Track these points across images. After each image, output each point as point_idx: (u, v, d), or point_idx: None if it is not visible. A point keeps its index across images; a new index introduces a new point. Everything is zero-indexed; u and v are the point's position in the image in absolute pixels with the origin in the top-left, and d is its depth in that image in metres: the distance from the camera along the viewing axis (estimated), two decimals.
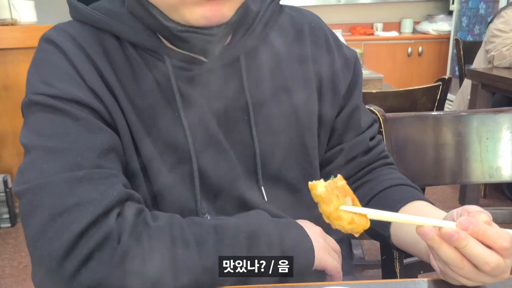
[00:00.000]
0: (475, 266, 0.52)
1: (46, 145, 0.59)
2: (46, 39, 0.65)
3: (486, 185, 2.51)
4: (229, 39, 0.70)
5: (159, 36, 0.67)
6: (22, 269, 2.12)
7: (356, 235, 0.55)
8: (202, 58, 0.68)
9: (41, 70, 0.63)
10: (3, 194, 2.50)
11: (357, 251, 2.04)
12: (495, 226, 0.52)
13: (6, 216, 2.53)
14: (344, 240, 0.82)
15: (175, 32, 0.63)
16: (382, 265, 1.00)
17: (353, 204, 0.53)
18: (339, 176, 0.54)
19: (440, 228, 0.52)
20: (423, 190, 1.17)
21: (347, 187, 0.53)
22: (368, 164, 0.80)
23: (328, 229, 0.73)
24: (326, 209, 0.52)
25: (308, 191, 0.53)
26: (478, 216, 0.53)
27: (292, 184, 0.74)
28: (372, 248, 2.20)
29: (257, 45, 0.72)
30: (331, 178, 0.53)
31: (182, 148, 0.67)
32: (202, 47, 0.66)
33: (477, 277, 0.53)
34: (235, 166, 0.70)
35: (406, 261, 0.99)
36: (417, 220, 0.54)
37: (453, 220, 0.53)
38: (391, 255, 0.99)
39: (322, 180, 0.52)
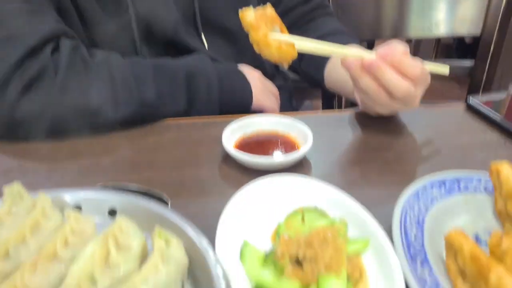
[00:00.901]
0: (390, 93, 0.57)
1: None
2: None
3: (438, 45, 2.56)
4: None
5: None
6: None
7: (285, 65, 0.57)
8: None
9: None
10: None
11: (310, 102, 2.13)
12: (411, 58, 0.56)
13: None
14: (284, 88, 0.86)
15: None
16: (322, 108, 1.07)
17: (281, 32, 0.55)
18: (268, 4, 0.55)
19: (362, 59, 0.56)
20: (371, 45, 1.19)
21: (275, 15, 0.55)
22: (307, 13, 0.80)
23: (270, 75, 0.76)
24: (255, 36, 0.53)
25: (248, 41, 0.54)
26: (396, 47, 0.56)
27: (232, 33, 0.75)
28: None
29: None
30: (260, 5, 0.54)
31: None
32: None
33: (391, 104, 0.58)
34: (173, 11, 0.69)
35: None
36: (341, 50, 0.57)
37: None
38: (331, 101, 1.06)
39: (251, 7, 0.54)
